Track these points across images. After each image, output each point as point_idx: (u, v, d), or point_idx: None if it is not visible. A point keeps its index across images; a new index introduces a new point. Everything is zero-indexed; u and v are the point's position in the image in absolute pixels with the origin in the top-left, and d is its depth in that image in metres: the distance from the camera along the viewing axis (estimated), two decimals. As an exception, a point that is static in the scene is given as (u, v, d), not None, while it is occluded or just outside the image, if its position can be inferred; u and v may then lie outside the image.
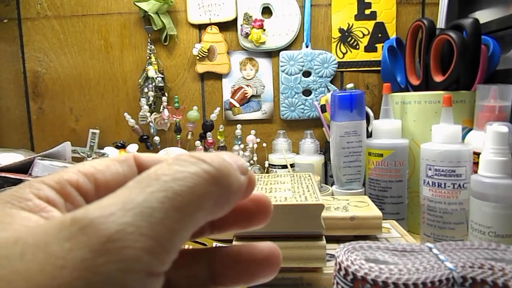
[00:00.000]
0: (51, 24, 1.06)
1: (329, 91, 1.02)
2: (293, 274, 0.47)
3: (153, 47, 1.04)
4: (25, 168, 0.62)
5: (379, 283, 0.31)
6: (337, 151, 0.75)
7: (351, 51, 1.02)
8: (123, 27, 1.06)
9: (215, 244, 0.51)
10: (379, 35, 1.01)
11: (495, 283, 0.31)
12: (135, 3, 1.00)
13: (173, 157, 0.14)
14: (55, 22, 1.06)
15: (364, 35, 1.02)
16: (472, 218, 0.53)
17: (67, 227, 0.11)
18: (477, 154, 0.57)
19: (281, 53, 1.02)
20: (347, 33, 1.02)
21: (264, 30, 1.01)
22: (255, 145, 0.99)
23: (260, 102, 1.06)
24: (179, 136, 1.02)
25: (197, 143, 0.99)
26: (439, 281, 0.32)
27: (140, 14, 1.03)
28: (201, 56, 1.03)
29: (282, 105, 1.04)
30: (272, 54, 1.04)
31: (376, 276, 0.32)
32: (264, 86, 1.05)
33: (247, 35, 1.02)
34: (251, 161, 1.00)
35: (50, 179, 0.15)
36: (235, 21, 1.03)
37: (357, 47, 1.02)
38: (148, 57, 1.04)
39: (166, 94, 1.05)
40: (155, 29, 1.02)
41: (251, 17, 1.02)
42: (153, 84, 1.03)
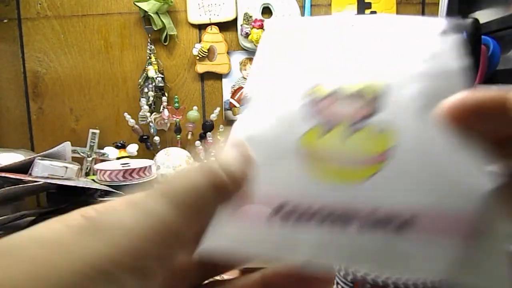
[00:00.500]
0: (51, 24, 1.06)
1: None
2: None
3: (153, 47, 1.04)
4: (25, 168, 0.62)
5: (379, 283, 0.31)
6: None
7: (351, 51, 1.02)
8: (123, 27, 1.06)
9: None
10: (379, 35, 1.01)
11: None
12: (135, 3, 1.00)
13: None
14: (55, 22, 1.06)
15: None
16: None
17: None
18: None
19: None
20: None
21: (264, 30, 1.01)
22: (255, 145, 0.99)
23: (260, 102, 1.06)
24: (179, 136, 1.02)
25: (197, 143, 0.99)
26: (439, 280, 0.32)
27: (140, 14, 1.03)
28: (201, 56, 1.03)
29: (282, 105, 1.04)
30: (272, 54, 1.04)
31: (376, 276, 0.32)
32: (264, 86, 1.05)
33: (247, 35, 1.02)
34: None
35: None
36: (235, 21, 1.03)
37: (357, 47, 1.02)
38: (148, 57, 1.04)
39: (166, 94, 1.05)
40: (155, 29, 1.02)
41: (251, 17, 1.02)
42: (153, 84, 1.03)
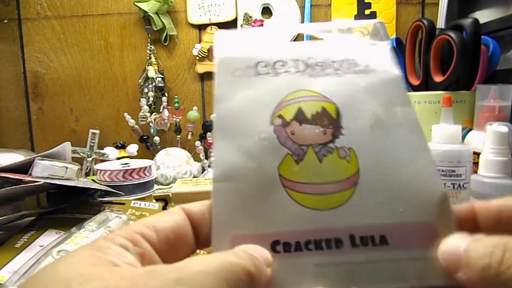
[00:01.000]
0: (51, 24, 1.06)
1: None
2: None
3: (153, 47, 1.04)
4: (25, 168, 0.62)
5: None
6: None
7: (351, 51, 1.02)
8: (123, 27, 1.06)
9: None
10: (379, 35, 1.01)
11: None
12: (135, 3, 1.00)
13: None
14: (55, 22, 1.06)
15: (364, 35, 1.01)
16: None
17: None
18: (477, 154, 0.57)
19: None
20: (347, 33, 1.02)
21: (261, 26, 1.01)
22: (255, 145, 0.99)
23: (260, 102, 1.06)
24: (179, 136, 1.02)
25: (197, 143, 0.99)
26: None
27: (140, 14, 1.03)
28: (201, 56, 1.03)
29: (282, 105, 1.04)
30: (272, 54, 1.04)
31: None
32: (264, 86, 1.05)
33: (247, 35, 1.02)
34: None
35: (121, 231, 0.18)
36: (235, 21, 1.03)
37: (357, 47, 1.02)
38: (148, 57, 1.04)
39: (166, 94, 1.05)
40: (155, 29, 1.02)
41: (251, 17, 1.02)
42: (153, 84, 1.03)
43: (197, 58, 1.03)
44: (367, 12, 1.01)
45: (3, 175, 0.59)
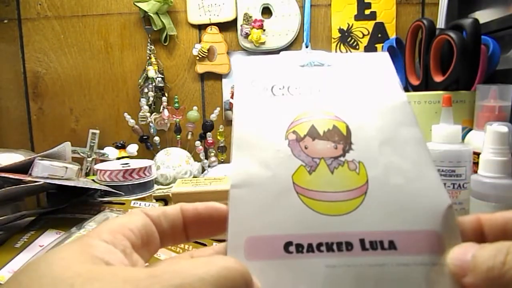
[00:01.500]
0: (51, 24, 1.06)
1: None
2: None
3: (153, 47, 1.04)
4: (25, 168, 0.62)
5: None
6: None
7: (351, 51, 1.02)
8: (123, 28, 1.06)
9: (215, 244, 0.51)
10: (379, 35, 1.01)
11: None
12: (135, 3, 1.00)
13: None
14: (55, 22, 1.06)
15: (364, 35, 1.02)
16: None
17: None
18: (477, 154, 0.57)
19: (281, 53, 1.02)
20: (347, 33, 1.02)
21: (264, 30, 1.01)
22: (255, 145, 0.99)
23: (260, 102, 1.06)
24: (179, 136, 1.02)
25: (197, 143, 1.00)
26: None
27: (140, 14, 1.03)
28: (201, 56, 1.03)
29: (282, 105, 1.04)
30: (272, 54, 1.04)
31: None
32: (264, 86, 1.05)
33: (247, 35, 1.02)
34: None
35: (102, 229, 0.18)
36: (235, 21, 1.03)
37: (357, 47, 1.02)
38: (148, 58, 1.04)
39: (166, 94, 1.05)
40: (155, 30, 1.02)
41: (251, 17, 1.02)
42: (153, 84, 1.03)
43: (197, 58, 1.03)
44: (367, 12, 1.01)
45: (3, 175, 0.59)
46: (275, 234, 0.19)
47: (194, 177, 0.94)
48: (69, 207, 0.63)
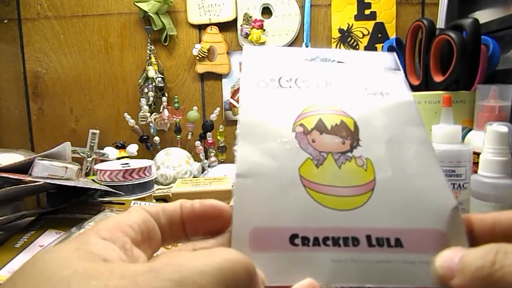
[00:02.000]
0: (51, 24, 1.06)
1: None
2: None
3: (153, 47, 1.04)
4: (25, 168, 0.62)
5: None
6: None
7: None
8: (123, 28, 1.06)
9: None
10: (379, 35, 1.01)
11: None
12: (135, 4, 1.00)
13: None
14: (55, 22, 1.06)
15: (364, 35, 1.02)
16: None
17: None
18: (477, 154, 0.57)
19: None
20: (347, 33, 1.02)
21: (264, 30, 1.01)
22: (255, 145, 0.99)
23: (260, 102, 1.06)
24: (179, 136, 1.02)
25: (197, 143, 1.00)
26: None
27: (140, 14, 1.03)
28: (201, 56, 1.03)
29: (282, 105, 1.04)
30: (272, 54, 1.04)
31: None
32: (264, 86, 1.05)
33: (247, 35, 1.02)
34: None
35: (101, 226, 0.18)
36: (235, 21, 1.03)
37: (357, 47, 1.02)
38: (148, 58, 1.04)
39: (166, 94, 1.05)
40: (155, 30, 1.02)
41: (251, 17, 1.02)
42: (153, 84, 1.03)
43: (197, 58, 1.03)
44: (367, 12, 1.01)
45: (3, 175, 0.59)
46: (281, 226, 0.19)
47: (194, 177, 0.94)
48: (69, 207, 0.63)
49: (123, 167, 0.77)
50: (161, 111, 1.03)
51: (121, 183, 0.75)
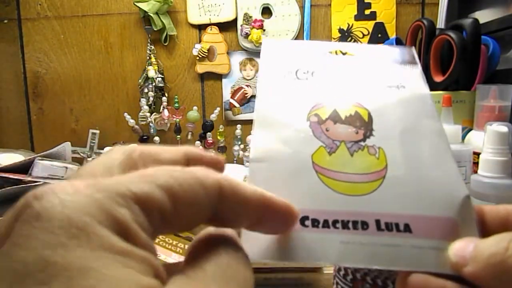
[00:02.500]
0: (51, 24, 1.06)
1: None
2: (293, 274, 0.47)
3: (153, 47, 1.04)
4: (25, 168, 0.62)
5: (378, 283, 0.31)
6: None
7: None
8: (123, 28, 1.06)
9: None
10: (379, 35, 1.01)
11: None
12: (135, 3, 1.00)
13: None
14: (55, 22, 1.06)
15: (364, 35, 1.02)
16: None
17: None
18: (477, 154, 0.57)
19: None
20: (347, 33, 1.02)
21: (264, 30, 1.01)
22: (255, 145, 0.99)
23: (260, 102, 1.06)
24: (179, 136, 1.02)
25: (197, 143, 1.00)
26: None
27: (140, 14, 1.03)
28: (201, 56, 1.03)
29: (282, 105, 1.04)
30: (272, 54, 1.04)
31: (375, 276, 0.32)
32: (264, 86, 1.05)
33: (247, 35, 1.02)
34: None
35: (141, 196, 0.13)
36: (235, 21, 1.03)
37: (357, 47, 1.02)
38: (148, 58, 1.04)
39: (166, 94, 1.05)
40: (155, 30, 1.02)
41: (251, 17, 1.02)
42: (153, 84, 1.03)
43: (197, 58, 1.03)
44: (367, 12, 1.01)
45: (3, 175, 0.59)
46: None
47: (194, 177, 0.94)
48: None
49: (123, 167, 0.77)
50: (161, 111, 1.03)
51: (121, 183, 0.75)
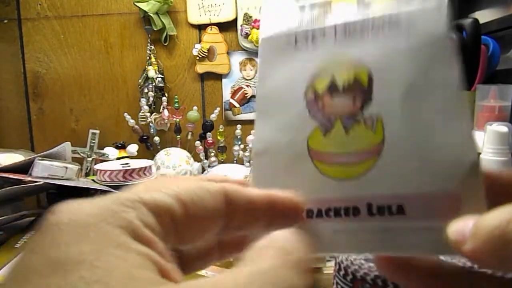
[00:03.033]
0: (51, 24, 1.06)
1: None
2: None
3: (153, 47, 1.04)
4: (25, 168, 0.62)
5: (378, 283, 0.31)
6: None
7: (351, 51, 1.02)
8: (123, 28, 1.06)
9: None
10: (379, 35, 1.01)
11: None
12: (135, 3, 1.00)
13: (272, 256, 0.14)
14: (55, 22, 1.06)
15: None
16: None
17: None
18: (477, 154, 0.57)
19: None
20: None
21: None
22: (255, 145, 0.99)
23: (260, 102, 1.06)
24: (179, 136, 1.02)
25: (197, 143, 0.99)
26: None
27: (140, 14, 1.03)
28: (201, 56, 1.03)
29: (282, 105, 1.04)
30: (272, 54, 1.04)
31: (375, 276, 0.32)
32: (264, 86, 1.05)
33: (247, 35, 1.02)
34: (252, 161, 1.00)
35: (149, 200, 0.14)
36: (235, 21, 1.03)
37: (357, 47, 1.02)
38: (148, 58, 1.04)
39: (166, 94, 1.05)
40: (155, 30, 1.02)
41: (251, 17, 1.02)
42: (153, 84, 1.03)
43: (197, 58, 1.03)
44: (367, 12, 1.01)
45: (3, 175, 0.59)
46: None
47: (194, 177, 0.95)
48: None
49: (123, 167, 0.77)
50: (161, 111, 1.03)
51: (121, 183, 0.75)
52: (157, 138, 1.01)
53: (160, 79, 1.04)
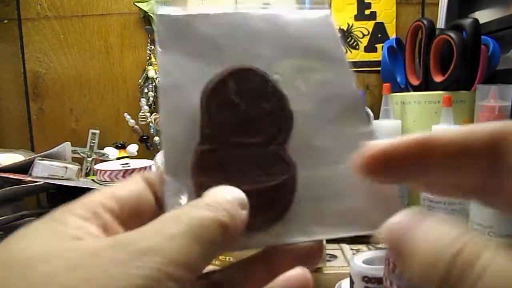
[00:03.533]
0: (51, 24, 1.06)
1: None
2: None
3: (153, 47, 1.04)
4: (25, 168, 0.62)
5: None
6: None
7: (351, 52, 1.02)
8: (123, 28, 1.06)
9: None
10: (379, 35, 1.01)
11: None
12: (135, 3, 1.00)
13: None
14: (55, 22, 1.06)
15: (364, 35, 1.02)
16: (472, 218, 0.53)
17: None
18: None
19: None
20: (346, 33, 1.02)
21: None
22: (255, 145, 0.99)
23: (260, 102, 1.06)
24: (179, 136, 1.02)
25: (197, 143, 0.99)
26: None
27: (140, 14, 1.03)
28: (201, 56, 1.03)
29: (282, 105, 1.04)
30: (272, 54, 1.04)
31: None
32: (264, 86, 1.05)
33: (247, 35, 1.02)
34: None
35: (79, 203, 0.17)
36: (235, 21, 1.03)
37: (357, 47, 1.02)
38: (148, 58, 1.04)
39: (166, 94, 1.05)
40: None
41: (251, 17, 1.01)
42: (153, 84, 1.03)
43: (197, 58, 1.03)
44: (367, 12, 1.01)
45: (3, 175, 0.59)
46: None
47: (194, 177, 0.94)
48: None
49: (123, 167, 0.77)
50: (161, 111, 1.03)
51: (121, 183, 0.75)
52: (157, 138, 1.01)
53: (160, 79, 1.04)
